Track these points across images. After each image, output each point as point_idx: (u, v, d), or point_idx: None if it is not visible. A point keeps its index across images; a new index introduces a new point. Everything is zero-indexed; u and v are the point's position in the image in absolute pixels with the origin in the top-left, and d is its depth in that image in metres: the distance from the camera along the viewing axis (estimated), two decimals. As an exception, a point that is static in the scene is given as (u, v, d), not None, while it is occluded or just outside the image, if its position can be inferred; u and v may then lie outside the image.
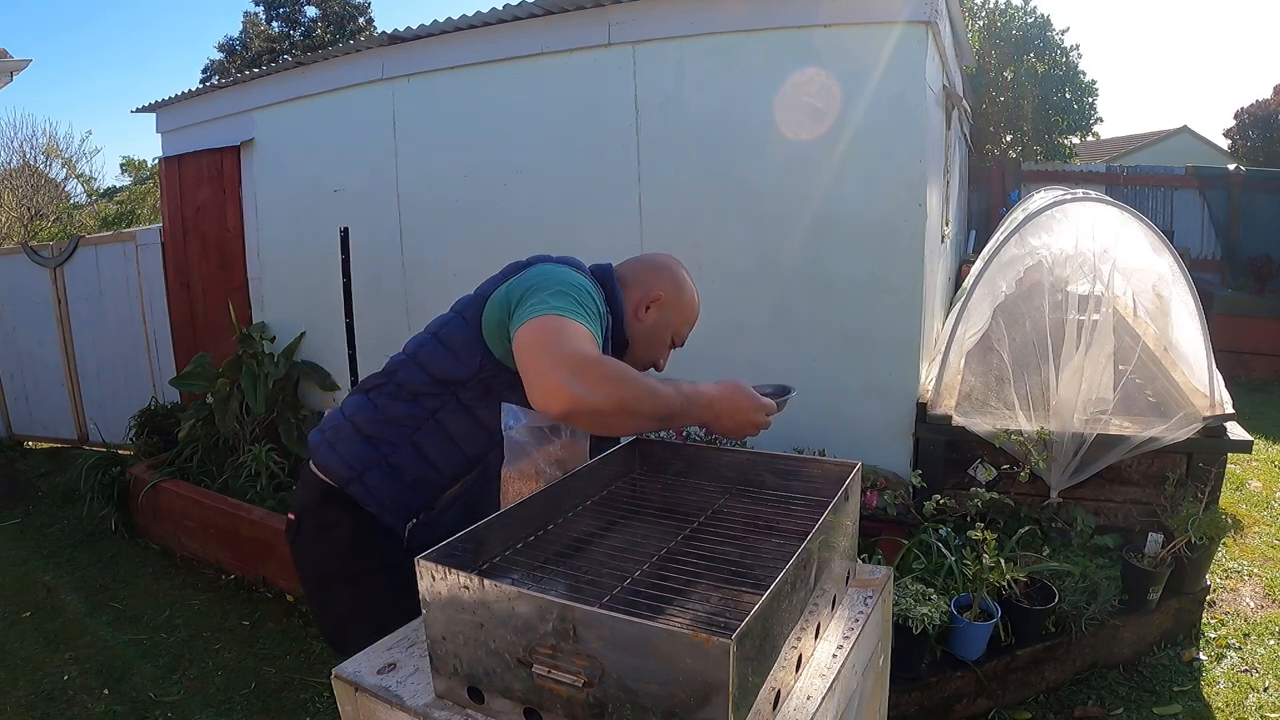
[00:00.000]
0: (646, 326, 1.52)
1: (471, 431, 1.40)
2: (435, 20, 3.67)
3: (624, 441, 1.49)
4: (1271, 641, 2.76)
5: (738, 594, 1.01)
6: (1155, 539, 2.63)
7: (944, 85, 3.89)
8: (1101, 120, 11.59)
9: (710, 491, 1.38)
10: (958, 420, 3.01)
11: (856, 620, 1.15)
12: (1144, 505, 2.95)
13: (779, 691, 0.95)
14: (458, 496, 1.42)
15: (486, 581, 0.93)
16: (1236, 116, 14.87)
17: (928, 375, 3.29)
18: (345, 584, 1.43)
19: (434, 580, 0.97)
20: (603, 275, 1.50)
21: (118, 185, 15.89)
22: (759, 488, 1.38)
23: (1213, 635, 2.79)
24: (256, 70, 4.70)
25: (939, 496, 2.58)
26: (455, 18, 3.62)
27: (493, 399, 1.37)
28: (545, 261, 1.43)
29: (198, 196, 4.92)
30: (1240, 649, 2.73)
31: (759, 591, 0.94)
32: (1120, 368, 3.07)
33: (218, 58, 21.61)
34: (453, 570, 0.96)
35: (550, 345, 1.18)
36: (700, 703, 0.83)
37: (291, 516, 1.53)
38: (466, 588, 0.94)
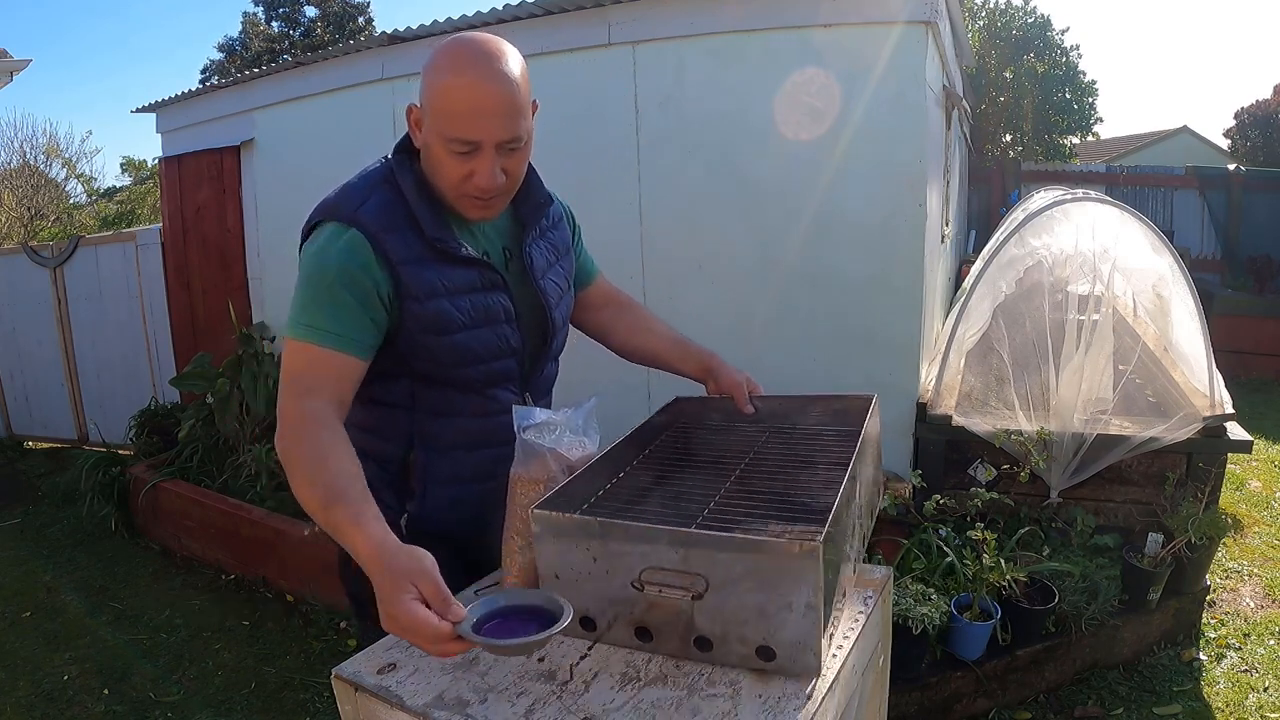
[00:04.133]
0: (424, 153, 1.23)
1: (378, 414, 1.30)
2: (435, 20, 3.68)
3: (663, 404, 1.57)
4: (1271, 641, 2.76)
5: (793, 522, 1.12)
6: (1155, 539, 2.63)
7: (944, 85, 3.89)
8: (1101, 120, 11.59)
9: (750, 433, 1.48)
10: (958, 420, 3.01)
11: (856, 620, 1.15)
12: (1144, 505, 2.95)
13: (844, 592, 1.11)
14: (422, 481, 1.32)
15: (603, 520, 1.06)
16: (1236, 116, 14.86)
17: (928, 375, 3.29)
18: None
19: (548, 525, 1.08)
20: (396, 165, 1.26)
21: (118, 185, 15.91)
22: (793, 425, 1.50)
23: (1213, 635, 2.79)
24: (256, 70, 4.70)
25: (939, 496, 2.58)
26: (455, 18, 3.62)
27: (386, 382, 1.28)
28: (319, 216, 1.22)
29: (198, 196, 4.92)
30: (1240, 649, 2.73)
31: (812, 519, 1.08)
32: (1120, 368, 3.07)
33: (218, 58, 21.61)
34: (569, 514, 1.09)
35: (281, 382, 1.17)
36: (786, 604, 0.98)
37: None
38: (582, 528, 1.06)
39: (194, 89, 4.94)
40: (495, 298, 1.28)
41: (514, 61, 1.15)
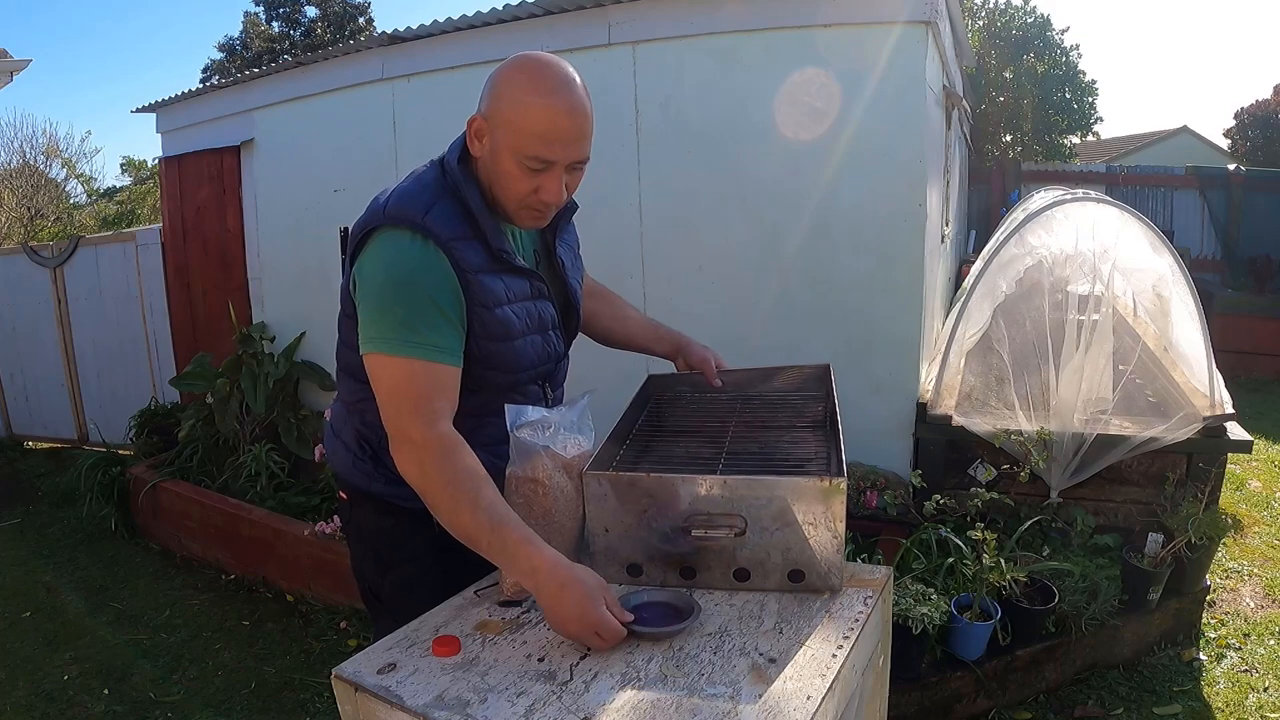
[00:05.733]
0: (485, 164, 1.24)
1: None
2: (435, 20, 3.67)
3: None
4: (1271, 641, 2.76)
5: (800, 468, 1.28)
6: (1155, 539, 2.63)
7: (944, 85, 3.89)
8: (1101, 120, 11.59)
9: (723, 402, 1.65)
10: (958, 420, 3.01)
11: (856, 620, 1.15)
12: (1144, 505, 2.95)
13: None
14: None
15: (654, 475, 1.19)
16: (1236, 116, 14.87)
17: (928, 375, 3.29)
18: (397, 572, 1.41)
19: (600, 484, 1.20)
20: (455, 177, 1.25)
21: (118, 185, 15.88)
22: (759, 394, 1.70)
23: (1213, 635, 2.79)
24: (256, 70, 4.70)
25: (939, 496, 2.58)
26: (455, 18, 3.62)
27: None
28: (379, 221, 1.22)
29: (198, 196, 4.91)
30: (1240, 649, 2.73)
31: (818, 464, 1.28)
32: (1120, 368, 3.07)
33: (218, 58, 21.61)
34: (623, 472, 1.22)
35: (393, 400, 1.18)
36: (815, 533, 1.16)
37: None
38: (633, 485, 1.19)
39: (194, 89, 4.93)
40: (544, 305, 1.34)
41: (583, 84, 1.22)
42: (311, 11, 21.86)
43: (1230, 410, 2.92)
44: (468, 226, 1.23)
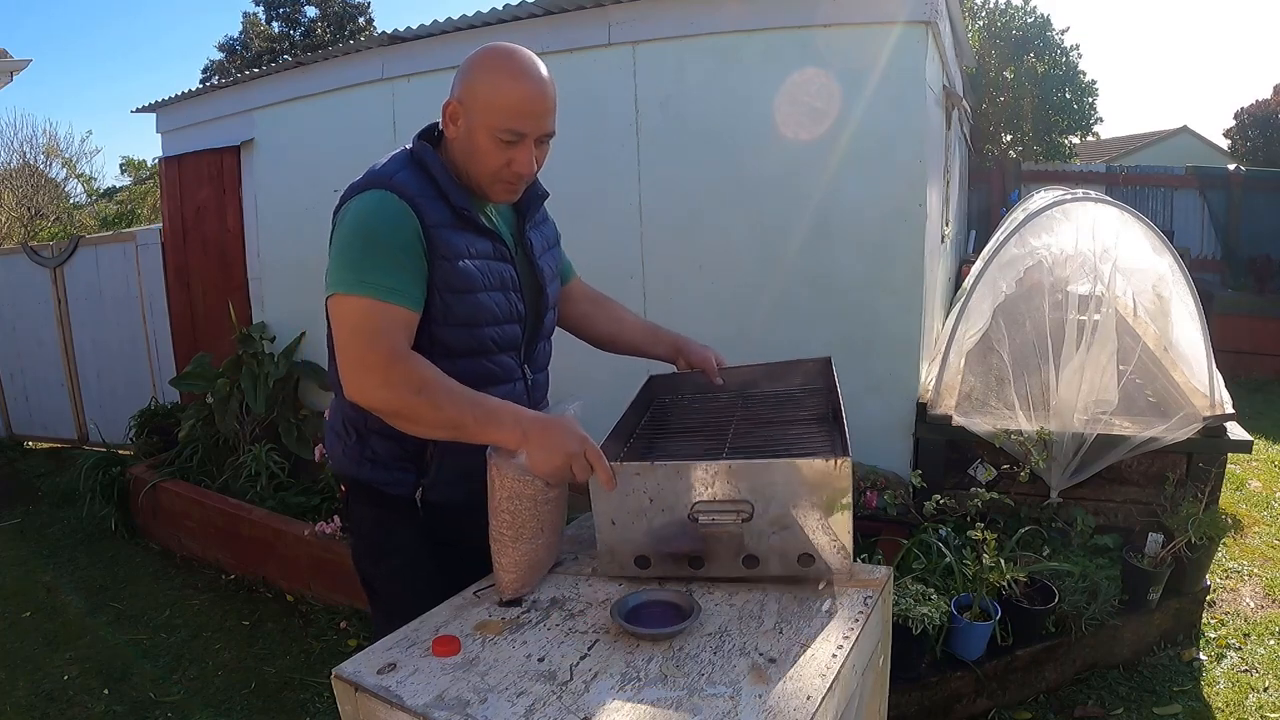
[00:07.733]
0: (460, 143, 1.33)
1: None
2: (435, 20, 3.67)
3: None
4: (1271, 641, 2.76)
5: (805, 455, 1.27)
6: (1155, 539, 2.63)
7: (944, 85, 3.89)
8: (1101, 120, 11.57)
9: (726, 398, 1.66)
10: (958, 420, 3.01)
11: (856, 620, 1.15)
12: (1144, 505, 2.95)
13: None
14: (438, 452, 1.38)
15: (658, 463, 1.20)
16: (1236, 116, 14.88)
17: (928, 375, 3.29)
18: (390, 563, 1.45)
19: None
20: (419, 148, 1.36)
21: (118, 185, 15.89)
22: (760, 390, 1.70)
23: (1213, 635, 2.79)
24: (256, 70, 4.70)
25: (939, 496, 2.58)
26: (455, 18, 3.62)
27: None
28: (352, 194, 1.33)
29: (198, 196, 4.91)
30: (1240, 649, 2.73)
31: (823, 449, 1.27)
32: (1120, 368, 3.07)
33: (218, 58, 21.62)
34: (626, 462, 1.22)
35: (348, 337, 1.23)
36: (823, 515, 1.16)
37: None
38: (638, 474, 1.19)
39: (194, 89, 4.93)
40: (505, 267, 1.40)
41: (546, 68, 1.34)
42: (311, 11, 21.87)
43: (1230, 410, 2.92)
44: (432, 188, 1.32)
